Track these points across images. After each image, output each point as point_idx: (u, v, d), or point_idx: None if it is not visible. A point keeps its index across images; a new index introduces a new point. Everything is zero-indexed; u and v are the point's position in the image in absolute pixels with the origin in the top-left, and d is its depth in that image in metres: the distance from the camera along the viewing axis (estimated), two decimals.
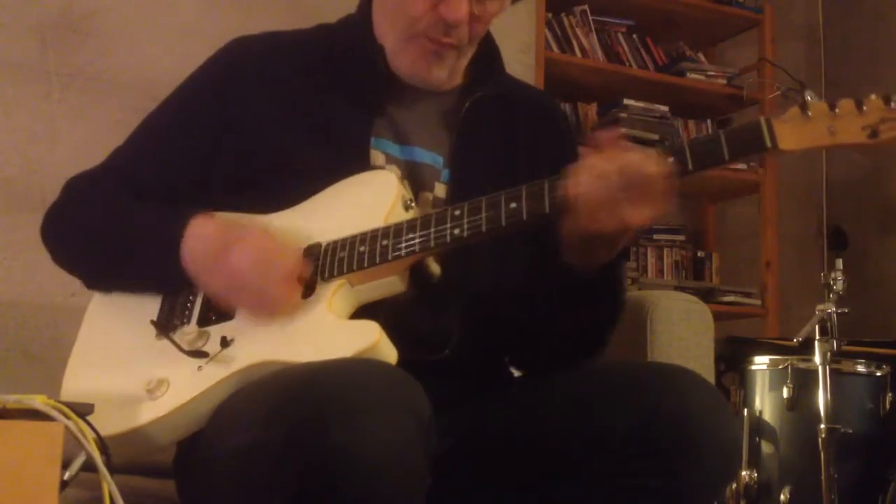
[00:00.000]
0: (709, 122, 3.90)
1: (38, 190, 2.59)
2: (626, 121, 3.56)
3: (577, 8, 3.64)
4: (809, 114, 1.12)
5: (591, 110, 3.71)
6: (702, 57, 3.92)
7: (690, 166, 1.14)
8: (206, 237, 1.25)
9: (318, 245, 1.26)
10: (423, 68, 1.38)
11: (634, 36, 3.78)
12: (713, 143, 1.14)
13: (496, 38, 1.49)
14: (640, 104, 3.62)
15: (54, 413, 0.92)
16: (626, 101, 3.60)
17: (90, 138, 2.65)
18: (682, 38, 3.89)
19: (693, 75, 3.76)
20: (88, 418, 0.97)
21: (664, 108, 3.65)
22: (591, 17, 3.63)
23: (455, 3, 1.31)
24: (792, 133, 1.12)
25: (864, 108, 1.11)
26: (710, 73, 3.81)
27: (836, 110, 1.12)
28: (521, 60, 3.33)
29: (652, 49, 3.80)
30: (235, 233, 1.24)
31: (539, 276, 1.30)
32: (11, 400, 0.92)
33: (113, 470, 0.96)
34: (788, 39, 4.03)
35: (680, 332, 1.65)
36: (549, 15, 3.53)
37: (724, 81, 3.80)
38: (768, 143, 1.12)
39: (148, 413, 1.20)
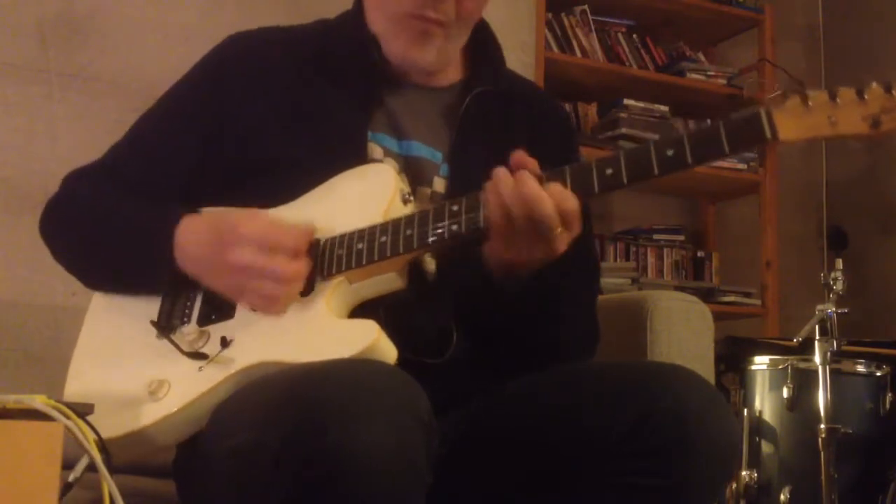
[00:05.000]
0: (709, 122, 3.88)
1: (39, 190, 2.57)
2: (626, 121, 3.56)
3: (577, 8, 3.63)
4: (810, 104, 1.10)
5: (591, 110, 3.71)
6: (702, 57, 3.91)
7: (689, 160, 1.12)
8: (199, 237, 1.25)
9: (317, 241, 1.25)
10: (412, 50, 1.37)
11: (634, 36, 3.77)
12: (712, 136, 1.12)
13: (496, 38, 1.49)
14: (640, 104, 3.62)
15: (54, 413, 0.92)
16: (626, 101, 3.59)
17: (90, 138, 2.63)
18: (682, 38, 3.89)
19: (693, 75, 3.75)
20: (88, 418, 0.97)
21: (664, 108, 3.65)
22: (591, 17, 3.63)
23: None
24: (792, 123, 1.10)
25: (866, 97, 1.08)
26: (709, 73, 3.80)
27: (837, 100, 1.09)
28: (521, 60, 3.33)
29: (652, 49, 3.80)
30: (228, 226, 1.22)
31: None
32: (11, 400, 0.92)
33: (113, 470, 0.96)
34: (788, 39, 4.03)
35: (680, 332, 1.64)
36: (549, 15, 3.53)
37: (724, 81, 3.80)
38: (768, 135, 1.10)
39: (149, 415, 1.19)
